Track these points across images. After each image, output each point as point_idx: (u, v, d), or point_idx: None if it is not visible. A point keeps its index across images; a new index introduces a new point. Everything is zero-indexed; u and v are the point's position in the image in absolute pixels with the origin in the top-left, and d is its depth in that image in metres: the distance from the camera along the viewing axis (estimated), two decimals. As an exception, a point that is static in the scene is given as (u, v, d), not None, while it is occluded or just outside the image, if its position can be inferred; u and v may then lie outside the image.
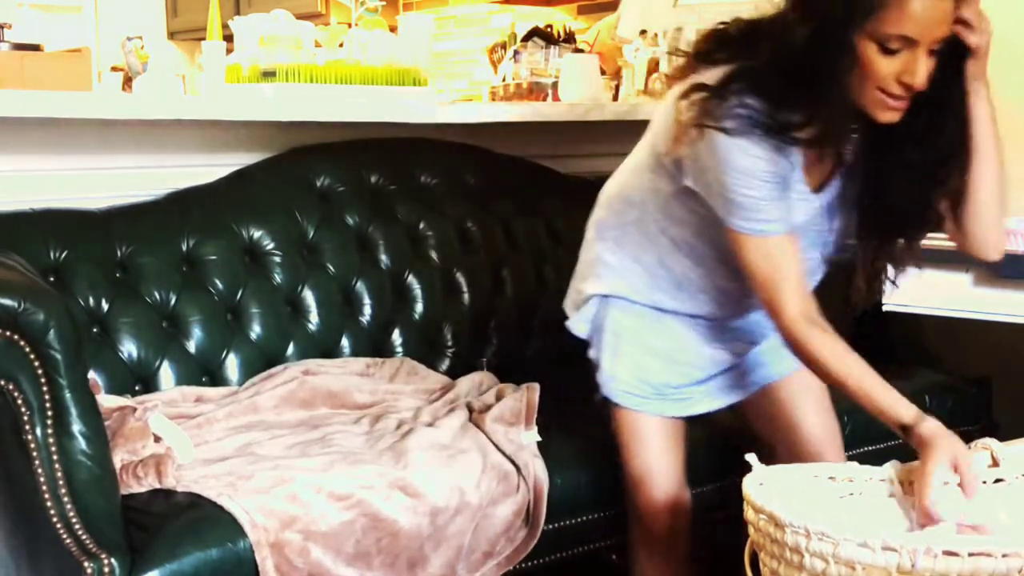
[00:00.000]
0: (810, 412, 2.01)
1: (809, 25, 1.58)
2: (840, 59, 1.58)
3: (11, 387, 1.64)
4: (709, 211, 1.76)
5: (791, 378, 2.00)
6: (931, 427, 1.63)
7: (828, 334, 1.70)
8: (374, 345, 2.55)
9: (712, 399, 2.01)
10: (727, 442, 2.19)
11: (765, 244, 1.70)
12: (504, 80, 3.53)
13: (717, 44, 1.74)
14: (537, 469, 2.02)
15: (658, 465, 1.95)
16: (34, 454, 1.65)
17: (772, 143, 1.64)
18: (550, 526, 2.03)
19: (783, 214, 1.70)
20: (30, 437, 1.64)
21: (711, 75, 1.68)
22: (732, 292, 1.87)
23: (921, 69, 1.57)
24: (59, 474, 1.65)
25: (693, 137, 1.68)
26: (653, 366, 1.93)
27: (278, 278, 2.45)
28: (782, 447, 2.00)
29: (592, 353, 1.99)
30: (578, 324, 2.02)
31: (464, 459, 1.98)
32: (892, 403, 1.66)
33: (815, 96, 1.60)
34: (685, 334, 1.93)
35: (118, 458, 1.82)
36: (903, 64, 1.57)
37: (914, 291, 1.96)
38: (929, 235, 1.84)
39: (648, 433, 1.95)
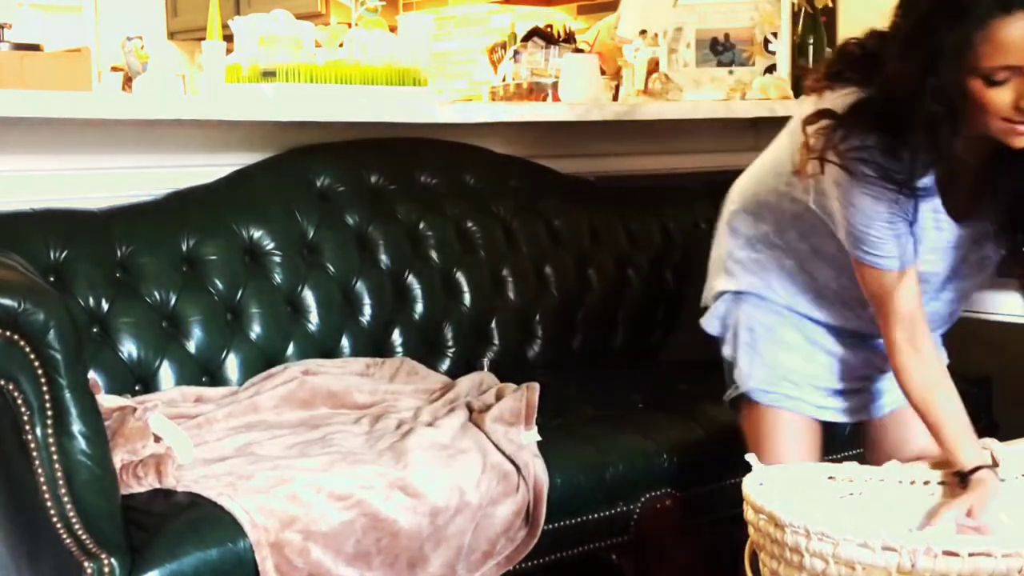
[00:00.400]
0: (916, 442, 1.96)
1: (913, 65, 1.55)
2: (949, 100, 1.54)
3: (11, 387, 1.63)
4: None
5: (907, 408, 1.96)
6: (979, 476, 1.66)
7: (925, 363, 1.71)
8: (374, 345, 2.55)
9: (842, 415, 1.95)
10: (727, 442, 2.19)
11: (881, 275, 1.70)
12: (504, 80, 3.53)
13: (846, 64, 1.70)
14: (537, 469, 2.02)
15: (790, 460, 1.88)
16: (34, 454, 1.65)
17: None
18: (550, 526, 2.03)
19: (903, 251, 1.68)
20: (30, 437, 1.64)
21: (840, 98, 1.66)
22: None
23: None
24: (59, 474, 1.65)
25: (817, 166, 1.67)
26: (791, 362, 1.90)
27: (278, 278, 2.45)
28: None
29: (726, 351, 1.97)
30: (710, 321, 1.99)
31: (464, 459, 1.97)
32: (955, 448, 1.69)
33: (931, 139, 1.57)
34: (822, 340, 1.90)
35: (118, 458, 1.82)
36: (1016, 91, 1.53)
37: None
38: None
39: (783, 429, 1.90)
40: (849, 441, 2.17)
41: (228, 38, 2.78)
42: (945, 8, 1.52)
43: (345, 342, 2.51)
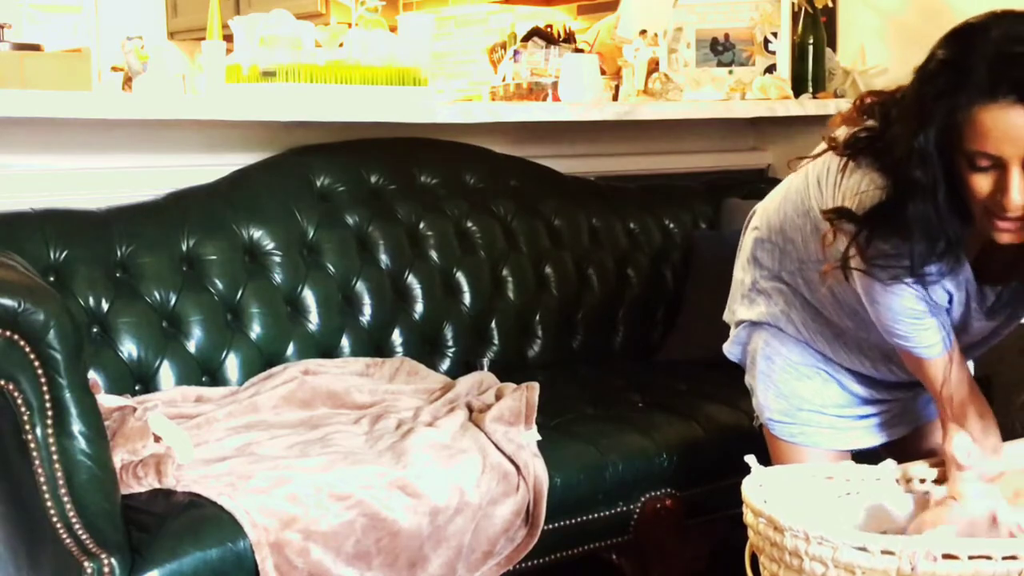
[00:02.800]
0: (929, 433, 1.93)
1: (907, 129, 1.50)
2: (934, 171, 1.47)
3: (11, 387, 1.63)
4: None
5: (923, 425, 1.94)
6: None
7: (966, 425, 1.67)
8: (374, 345, 2.55)
9: (872, 435, 1.91)
10: (727, 442, 2.19)
11: (914, 358, 1.68)
12: (504, 80, 3.53)
13: (865, 141, 1.62)
14: (537, 469, 2.02)
15: None
16: (34, 454, 1.65)
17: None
18: (550, 526, 2.03)
19: (934, 339, 1.65)
20: (30, 437, 1.64)
21: (860, 195, 1.59)
22: (896, 360, 1.78)
23: (1012, 189, 1.43)
24: (59, 474, 1.65)
25: (840, 274, 1.63)
26: (806, 391, 1.87)
27: (278, 278, 2.45)
28: None
29: (747, 379, 1.95)
30: (732, 349, 1.98)
31: (464, 459, 1.98)
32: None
33: (924, 213, 1.50)
34: (838, 376, 1.87)
35: (118, 458, 1.82)
36: (995, 182, 1.45)
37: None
38: None
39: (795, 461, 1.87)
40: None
41: (228, 38, 2.78)
42: (942, 78, 1.47)
43: (345, 342, 2.51)
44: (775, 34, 3.11)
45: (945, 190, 1.49)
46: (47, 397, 1.65)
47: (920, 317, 1.62)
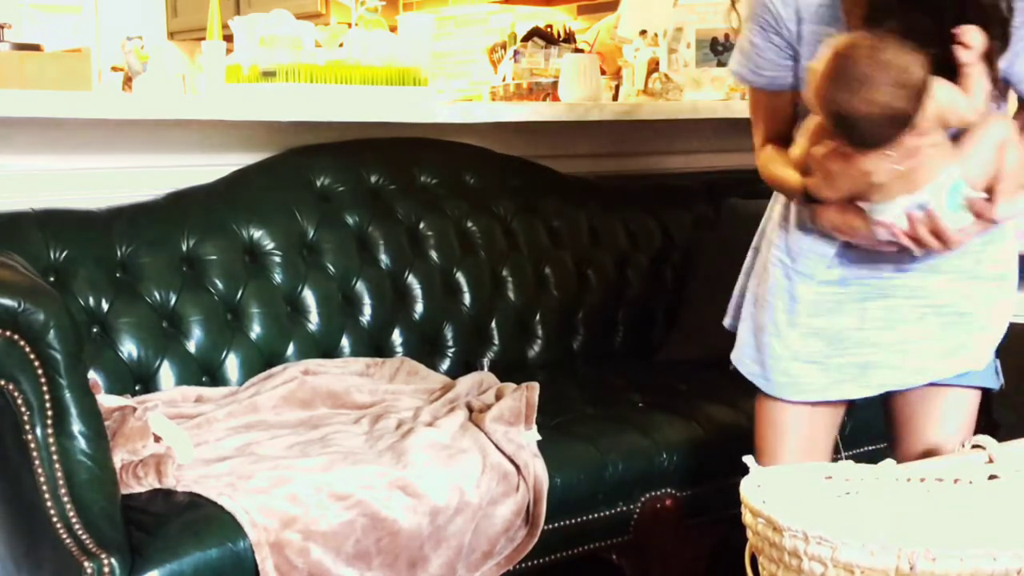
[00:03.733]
0: (925, 429, 1.87)
1: None
2: None
3: (11, 387, 1.63)
4: None
5: (913, 392, 1.86)
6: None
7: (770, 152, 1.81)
8: (374, 345, 2.55)
9: (826, 387, 1.82)
10: (727, 441, 2.19)
11: (751, 91, 1.83)
12: (504, 80, 3.54)
13: None
14: (537, 469, 2.02)
15: (768, 453, 1.83)
16: (34, 454, 1.65)
17: None
18: (550, 526, 2.03)
19: (773, 68, 1.74)
20: (30, 437, 1.64)
21: None
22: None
23: None
24: (59, 474, 1.65)
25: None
26: (762, 318, 1.83)
27: (278, 278, 2.45)
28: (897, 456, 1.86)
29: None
30: (726, 318, 1.98)
31: (464, 459, 1.98)
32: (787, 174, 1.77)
33: None
34: (808, 295, 1.79)
35: (118, 458, 1.82)
36: None
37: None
38: None
39: (768, 418, 1.84)
40: (851, 441, 2.17)
41: (228, 38, 2.78)
42: None
43: (345, 342, 2.51)
44: (775, 34, 3.11)
45: None
46: (47, 397, 1.65)
47: (768, 26, 1.69)
